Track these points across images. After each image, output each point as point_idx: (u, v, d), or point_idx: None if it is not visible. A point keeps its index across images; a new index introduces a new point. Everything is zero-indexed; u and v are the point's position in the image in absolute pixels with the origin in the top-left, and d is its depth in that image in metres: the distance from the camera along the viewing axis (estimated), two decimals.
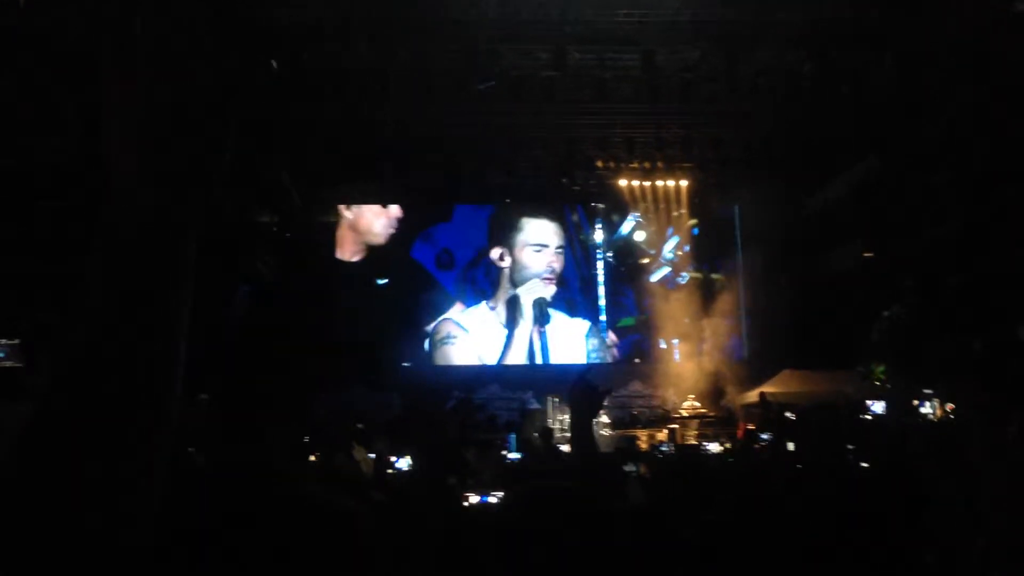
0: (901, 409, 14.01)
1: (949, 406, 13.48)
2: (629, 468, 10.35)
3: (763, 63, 12.92)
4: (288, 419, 13.99)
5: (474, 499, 7.64)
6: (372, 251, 18.63)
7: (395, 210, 18.59)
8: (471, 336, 18.46)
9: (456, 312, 18.65)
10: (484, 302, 18.64)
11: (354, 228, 18.54)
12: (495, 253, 18.64)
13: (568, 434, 13.48)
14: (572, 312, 18.87)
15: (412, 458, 12.36)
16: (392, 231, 18.63)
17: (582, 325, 18.87)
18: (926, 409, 14.08)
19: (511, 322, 18.26)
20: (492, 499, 7.50)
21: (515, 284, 18.36)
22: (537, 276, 18.25)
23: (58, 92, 9.43)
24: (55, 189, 10.06)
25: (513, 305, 18.27)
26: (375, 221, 18.57)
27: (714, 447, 14.26)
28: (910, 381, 14.19)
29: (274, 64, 11.64)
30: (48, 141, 10.20)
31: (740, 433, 15.14)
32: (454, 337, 18.46)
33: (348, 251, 18.57)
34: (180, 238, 1.31)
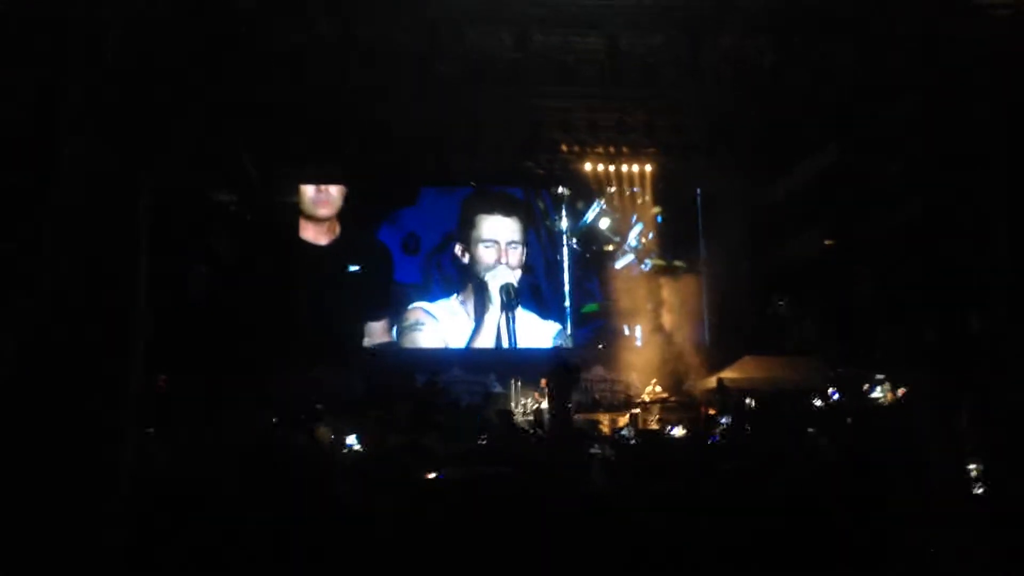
0: (853, 394, 14.19)
1: (900, 391, 13.66)
2: (594, 451, 10.43)
3: (726, 49, 12.95)
4: (248, 400, 13.93)
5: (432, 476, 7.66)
6: (341, 234, 18.53)
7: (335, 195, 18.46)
8: (440, 323, 18.48)
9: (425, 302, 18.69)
10: (454, 295, 18.65)
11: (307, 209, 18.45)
12: (458, 248, 18.69)
13: (530, 417, 13.49)
14: (539, 303, 18.93)
15: (369, 438, 12.38)
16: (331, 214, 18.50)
17: (552, 327, 18.94)
18: (877, 394, 14.27)
19: (479, 308, 18.31)
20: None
21: (477, 276, 18.38)
22: (489, 269, 18.28)
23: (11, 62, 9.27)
24: (8, 162, 9.90)
25: (480, 291, 18.30)
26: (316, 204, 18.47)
27: (677, 431, 14.37)
28: (863, 367, 14.36)
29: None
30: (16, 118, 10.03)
31: (701, 417, 15.28)
32: (423, 324, 18.49)
33: (311, 233, 18.46)
34: (133, 206, 1.29)
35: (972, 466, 5.71)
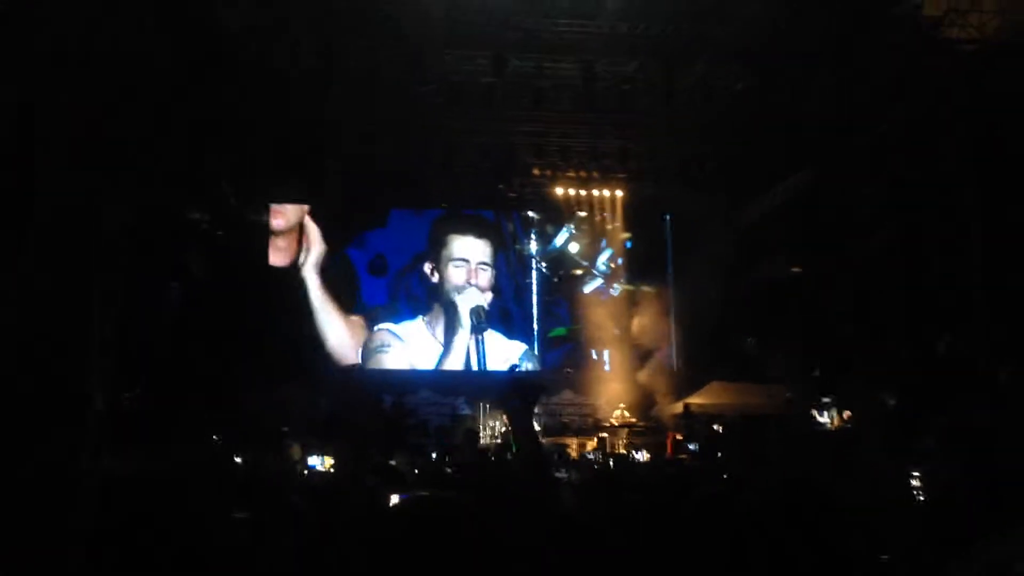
0: (803, 419, 14.32)
1: (846, 414, 13.81)
2: (560, 475, 10.42)
3: (698, 77, 13.14)
4: (214, 419, 13.78)
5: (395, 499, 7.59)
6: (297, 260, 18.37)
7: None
8: (406, 344, 18.36)
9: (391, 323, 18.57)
10: (420, 317, 18.57)
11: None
12: (427, 267, 18.63)
13: (497, 440, 13.45)
14: (508, 326, 18.90)
15: (334, 459, 12.28)
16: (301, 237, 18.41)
17: (518, 348, 18.92)
18: (823, 419, 14.41)
19: (449, 330, 18.20)
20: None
21: (447, 297, 18.32)
22: (459, 290, 18.22)
23: None
24: None
25: (450, 313, 18.21)
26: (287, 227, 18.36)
27: (642, 456, 14.40)
28: (830, 393, 14.49)
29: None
30: None
31: (668, 442, 15.32)
32: (388, 346, 18.35)
33: (276, 257, 18.29)
34: (106, 224, 1.29)
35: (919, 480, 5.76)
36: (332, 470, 12.78)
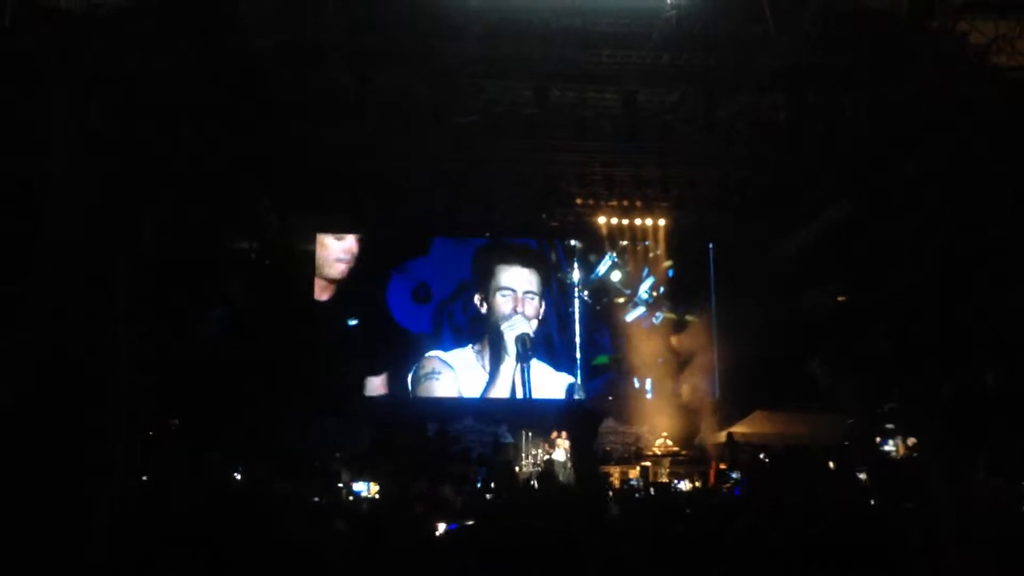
0: (865, 447, 14.14)
1: (911, 441, 13.62)
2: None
3: (740, 106, 13.13)
4: (258, 448, 13.93)
5: (443, 527, 7.64)
6: (340, 290, 18.56)
7: (351, 246, 18.59)
8: (456, 373, 18.43)
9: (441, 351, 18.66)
10: (469, 345, 18.65)
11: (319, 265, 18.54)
12: (476, 299, 18.72)
13: (538, 468, 13.47)
14: (551, 354, 18.90)
15: (380, 486, 12.37)
16: (348, 266, 18.59)
17: (564, 379, 18.91)
18: (889, 447, 14.22)
19: (495, 359, 18.25)
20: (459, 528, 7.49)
21: (494, 326, 18.39)
22: (506, 319, 18.27)
23: (26, 109, 9.45)
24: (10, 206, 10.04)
25: (496, 342, 18.27)
26: (331, 257, 18.55)
27: (684, 485, 14.32)
28: (875, 422, 14.33)
29: None
30: (17, 158, 10.21)
31: (712, 472, 15.22)
32: (439, 373, 18.41)
33: (317, 289, 18.50)
34: (117, 247, 1.34)
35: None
36: (377, 496, 12.87)
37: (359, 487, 13.55)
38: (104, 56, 9.30)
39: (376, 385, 18.34)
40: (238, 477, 13.00)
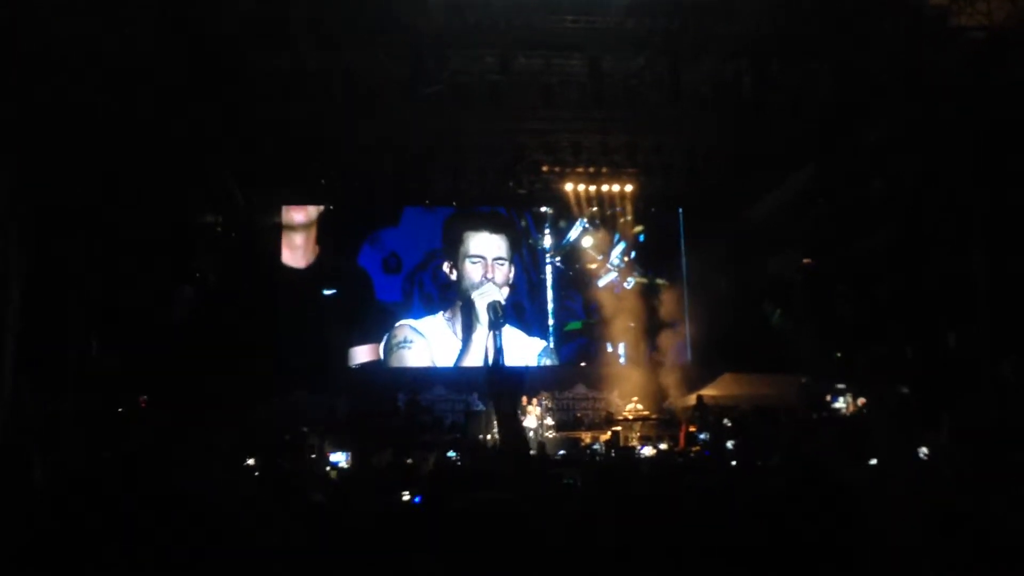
0: (817, 406, 14.36)
1: (860, 401, 13.84)
2: (567, 481, 10.44)
3: (706, 73, 13.13)
4: (231, 422, 13.91)
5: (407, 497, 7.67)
6: (318, 258, 18.53)
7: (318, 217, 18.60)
8: (427, 341, 18.47)
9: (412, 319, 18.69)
10: (440, 312, 18.68)
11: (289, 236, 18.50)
12: (446, 266, 18.73)
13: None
14: (522, 321, 18.96)
15: (352, 458, 12.40)
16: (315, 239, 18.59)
17: (537, 344, 19.00)
18: (839, 404, 14.45)
19: (467, 327, 18.30)
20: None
21: (464, 294, 18.43)
22: (476, 286, 18.31)
23: None
24: None
25: (468, 310, 18.30)
26: (299, 229, 18.54)
27: (648, 450, 14.45)
28: (841, 383, 14.52)
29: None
30: None
31: (682, 434, 15.38)
32: (411, 342, 18.45)
33: (289, 256, 18.46)
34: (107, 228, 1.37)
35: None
36: (350, 468, 12.91)
37: (336, 458, 13.56)
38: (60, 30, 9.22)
39: (352, 356, 18.40)
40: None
